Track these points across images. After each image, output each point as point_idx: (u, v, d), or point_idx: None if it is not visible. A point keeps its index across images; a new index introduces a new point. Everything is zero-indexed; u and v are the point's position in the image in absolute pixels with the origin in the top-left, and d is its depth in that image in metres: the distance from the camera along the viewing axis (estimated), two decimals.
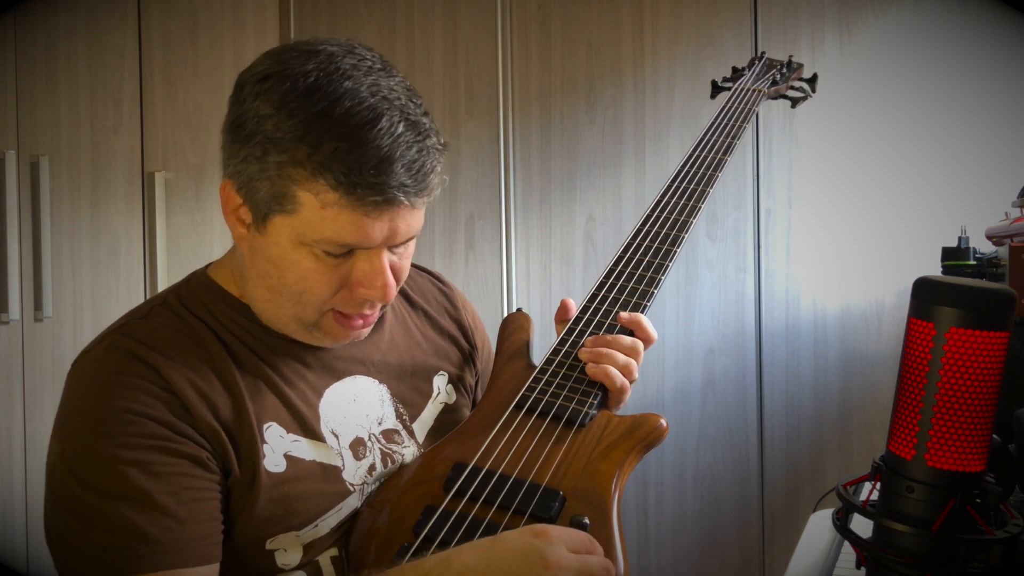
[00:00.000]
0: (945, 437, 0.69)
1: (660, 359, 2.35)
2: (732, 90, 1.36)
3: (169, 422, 0.83)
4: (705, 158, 1.20)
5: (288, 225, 0.83)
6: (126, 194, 2.13)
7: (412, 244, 0.91)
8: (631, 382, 0.98)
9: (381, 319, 1.03)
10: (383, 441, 0.96)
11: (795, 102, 1.42)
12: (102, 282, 2.07)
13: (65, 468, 0.82)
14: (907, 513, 0.71)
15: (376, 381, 0.99)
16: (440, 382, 1.05)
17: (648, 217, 1.12)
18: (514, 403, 0.95)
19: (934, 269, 1.62)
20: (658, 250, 1.07)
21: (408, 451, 0.97)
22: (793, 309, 2.30)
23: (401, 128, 0.81)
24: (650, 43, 2.36)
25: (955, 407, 0.68)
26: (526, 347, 1.04)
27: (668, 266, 1.06)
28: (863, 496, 0.76)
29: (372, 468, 0.93)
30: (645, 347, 1.01)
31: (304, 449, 0.90)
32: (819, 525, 1.23)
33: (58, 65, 2.04)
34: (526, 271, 2.43)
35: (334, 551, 0.91)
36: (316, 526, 0.89)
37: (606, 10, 2.38)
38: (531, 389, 0.96)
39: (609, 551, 0.80)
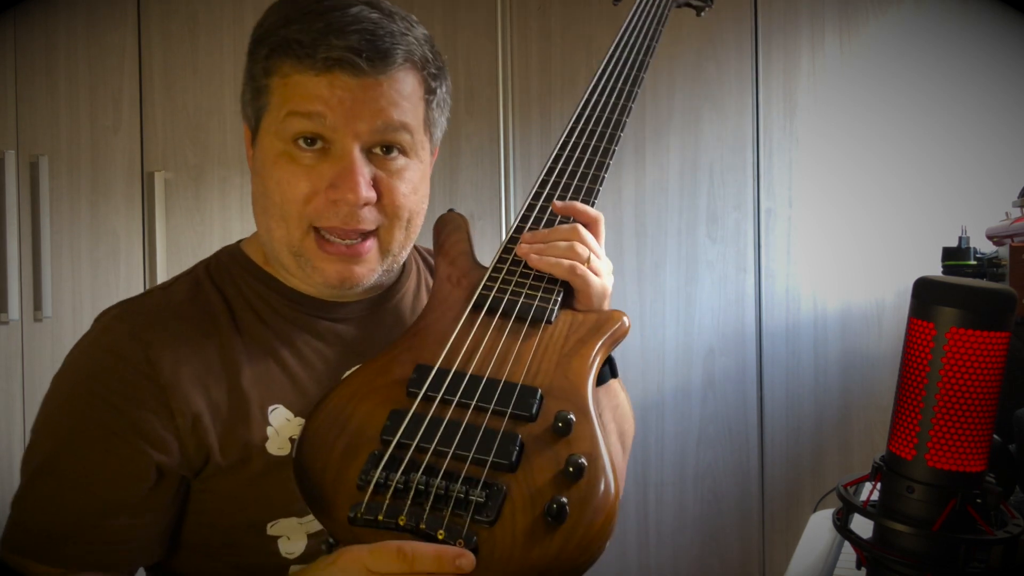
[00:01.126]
0: (945, 437, 0.69)
1: (660, 359, 2.35)
2: None
3: (129, 416, 0.82)
4: (626, 59, 1.12)
5: (268, 123, 0.86)
6: (126, 194, 2.13)
7: (410, 168, 0.87)
8: (585, 264, 0.89)
9: (414, 306, 1.00)
10: None
11: (699, 11, 1.38)
12: (102, 282, 2.07)
13: (40, 414, 0.87)
14: (907, 513, 0.71)
15: None
16: None
17: (579, 116, 1.05)
18: (472, 303, 0.87)
19: (934, 269, 1.62)
20: (596, 148, 1.01)
21: None
22: (793, 309, 2.30)
23: (372, 15, 0.83)
24: None
25: (955, 407, 0.68)
26: (470, 247, 0.96)
27: (608, 163, 1.00)
28: (863, 496, 0.76)
29: None
30: (591, 229, 0.92)
31: None
32: (819, 525, 1.23)
33: (58, 65, 2.04)
34: None
35: None
36: None
37: (606, 10, 2.37)
38: (488, 288, 0.88)
39: (594, 447, 0.76)
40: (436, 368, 0.81)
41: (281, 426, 0.86)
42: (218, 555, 0.88)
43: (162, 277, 2.13)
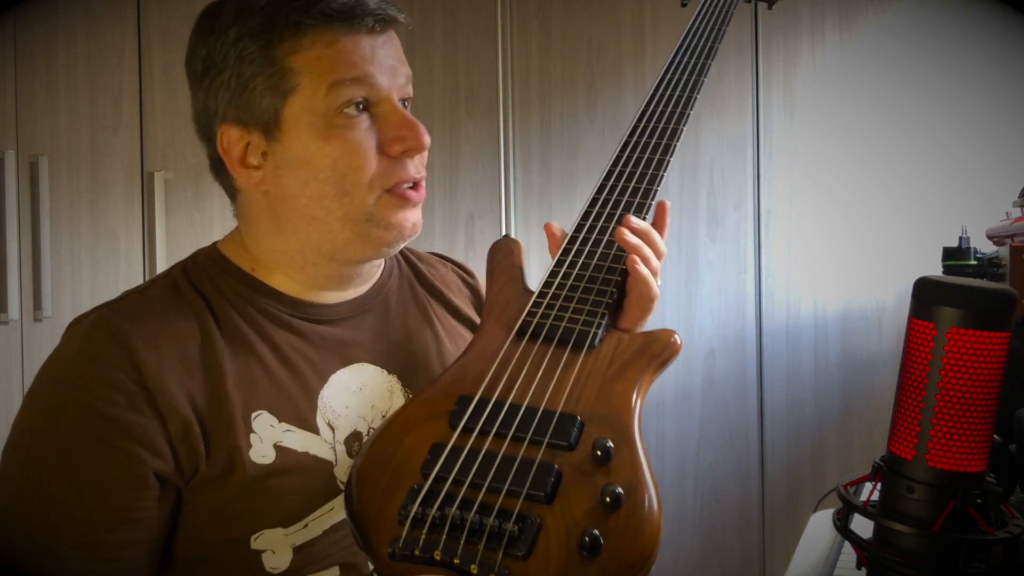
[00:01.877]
0: (945, 437, 0.69)
1: None
2: None
3: (121, 421, 0.79)
4: (688, 63, 1.12)
5: (299, 108, 0.83)
6: (126, 194, 2.13)
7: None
8: (655, 276, 0.91)
9: (397, 305, 0.99)
10: None
11: (771, 3, 1.37)
12: (102, 282, 2.07)
13: (13, 434, 0.83)
14: (907, 513, 0.70)
15: (385, 371, 0.94)
16: None
17: (635, 128, 1.04)
18: (515, 331, 0.87)
19: (935, 269, 1.62)
20: (650, 160, 0.99)
21: None
22: (793, 309, 2.30)
23: None
24: (650, 43, 2.36)
25: (955, 407, 0.68)
26: (520, 273, 0.97)
27: (661, 175, 0.98)
28: (863, 496, 0.76)
29: None
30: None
31: (296, 439, 0.85)
32: (819, 525, 1.23)
33: (58, 65, 2.04)
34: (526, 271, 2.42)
35: (335, 571, 0.86)
36: (306, 526, 0.84)
37: (606, 10, 2.37)
38: (531, 315, 0.88)
39: (636, 472, 0.74)
40: (476, 399, 0.80)
41: (265, 433, 0.84)
42: (202, 573, 0.85)
43: None
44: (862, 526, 0.74)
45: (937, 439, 0.69)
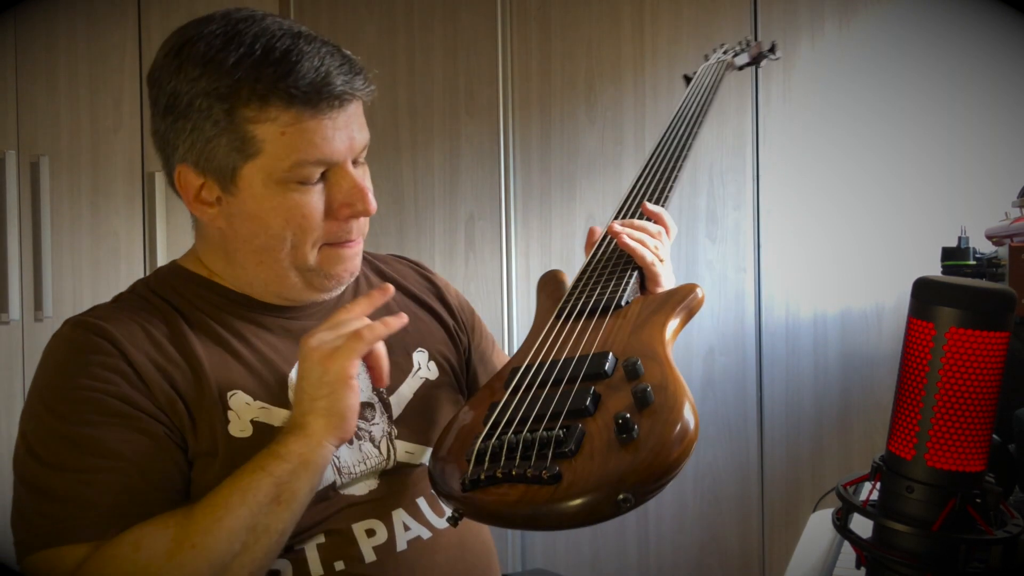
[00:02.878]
0: (945, 437, 0.69)
1: None
2: (705, 65, 1.52)
3: (126, 396, 0.85)
4: (687, 120, 1.32)
5: (257, 169, 0.86)
6: (126, 194, 2.13)
7: (367, 171, 0.95)
8: (661, 261, 1.03)
9: (350, 295, 1.05)
10: None
11: (758, 65, 1.55)
12: (102, 282, 2.07)
13: (24, 447, 0.86)
14: (907, 513, 0.71)
15: None
16: (420, 358, 1.06)
17: (650, 160, 1.23)
18: (554, 315, 0.99)
19: (934, 269, 1.62)
20: (661, 176, 1.17)
21: (376, 428, 0.97)
22: (793, 309, 2.31)
23: (319, 43, 0.87)
24: (650, 43, 2.36)
25: (955, 407, 0.68)
26: (563, 293, 1.07)
27: (671, 186, 1.14)
28: (863, 496, 0.76)
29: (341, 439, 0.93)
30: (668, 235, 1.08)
31: (273, 415, 0.91)
32: (819, 525, 1.23)
33: (58, 65, 2.04)
34: (526, 271, 2.43)
35: (320, 538, 0.90)
36: None
37: (606, 10, 2.38)
38: (567, 301, 1.00)
39: (666, 374, 0.81)
40: (524, 366, 0.91)
41: (241, 409, 0.89)
42: None
43: None
44: (862, 526, 0.74)
45: (936, 439, 0.69)
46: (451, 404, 1.06)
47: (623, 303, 0.96)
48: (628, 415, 0.74)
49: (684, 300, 0.94)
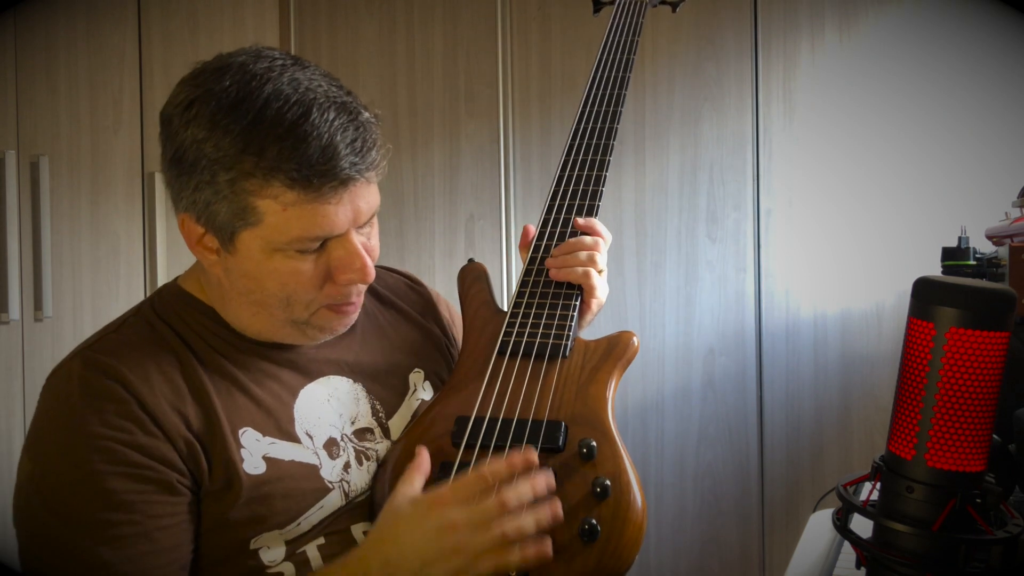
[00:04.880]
0: (945, 437, 0.69)
1: (660, 359, 2.35)
2: (616, 5, 1.36)
3: (141, 445, 0.84)
4: (609, 78, 1.22)
5: (256, 237, 0.85)
6: (126, 194, 2.13)
7: (376, 223, 0.93)
8: (599, 272, 1.03)
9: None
10: (355, 440, 0.97)
11: (675, 6, 1.44)
12: (102, 282, 2.07)
13: (33, 489, 0.85)
14: (907, 513, 0.71)
15: (351, 380, 1.00)
16: (416, 379, 1.06)
17: (571, 145, 1.15)
18: (496, 350, 0.98)
19: (934, 269, 1.62)
20: (589, 177, 1.11)
21: (381, 447, 0.99)
22: (793, 309, 2.30)
23: (332, 113, 0.84)
24: (650, 43, 2.36)
25: (955, 407, 0.68)
26: (490, 294, 1.07)
27: (600, 191, 1.10)
28: (863, 496, 0.76)
29: (347, 465, 0.95)
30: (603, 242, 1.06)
31: (282, 450, 0.91)
32: (819, 525, 1.23)
33: (58, 65, 2.04)
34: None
35: (320, 540, 0.92)
36: (299, 524, 0.90)
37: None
38: (508, 333, 0.99)
39: (618, 463, 0.86)
40: (472, 418, 0.92)
41: (253, 447, 0.90)
42: (203, 571, 0.90)
43: (162, 277, 2.13)
44: (862, 526, 0.74)
45: (937, 439, 0.69)
46: None
47: (567, 353, 0.97)
48: (593, 520, 0.81)
49: (624, 355, 0.97)
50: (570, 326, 0.98)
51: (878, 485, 0.74)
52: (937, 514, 0.69)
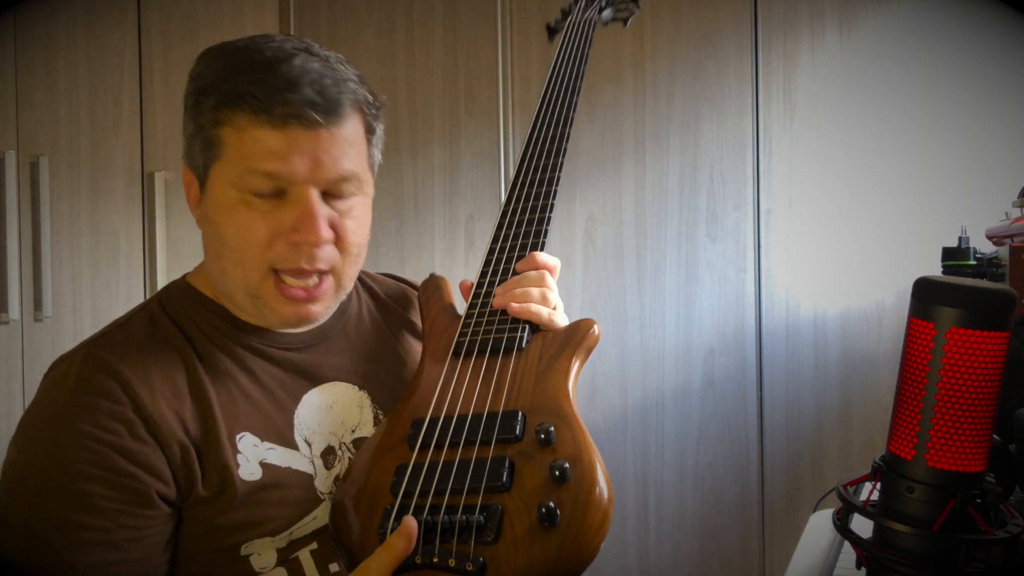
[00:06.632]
0: (945, 437, 0.69)
1: (660, 359, 2.35)
2: (565, 28, 1.35)
3: (127, 450, 0.83)
4: (558, 100, 1.20)
5: (221, 172, 0.87)
6: (126, 194, 2.13)
7: (358, 206, 0.91)
8: (554, 308, 0.97)
9: (358, 326, 1.04)
10: (353, 450, 0.96)
11: (626, 21, 1.44)
12: (102, 282, 2.07)
13: (14, 477, 0.85)
14: (907, 513, 0.71)
15: (356, 387, 0.99)
16: None
17: (521, 168, 1.13)
18: (451, 353, 0.96)
19: (934, 269, 1.62)
20: (537, 195, 1.09)
21: None
22: (793, 309, 2.30)
23: (315, 64, 0.85)
24: (650, 43, 2.36)
25: (955, 407, 0.68)
26: (450, 304, 1.05)
27: (550, 208, 1.08)
28: (863, 496, 0.76)
29: (339, 478, 0.94)
30: (552, 274, 1.00)
31: (279, 456, 0.91)
32: (819, 525, 1.23)
33: (58, 65, 2.04)
34: None
35: (313, 545, 0.91)
36: (290, 533, 0.90)
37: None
38: (463, 335, 0.97)
39: (578, 444, 0.80)
40: (427, 419, 0.88)
41: (250, 453, 0.89)
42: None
43: (162, 277, 2.14)
44: (862, 526, 0.74)
45: (937, 439, 0.69)
46: None
47: (523, 345, 0.93)
48: (551, 503, 0.75)
49: (583, 341, 0.93)
50: (523, 325, 0.95)
51: (878, 485, 0.74)
52: (937, 514, 0.69)
